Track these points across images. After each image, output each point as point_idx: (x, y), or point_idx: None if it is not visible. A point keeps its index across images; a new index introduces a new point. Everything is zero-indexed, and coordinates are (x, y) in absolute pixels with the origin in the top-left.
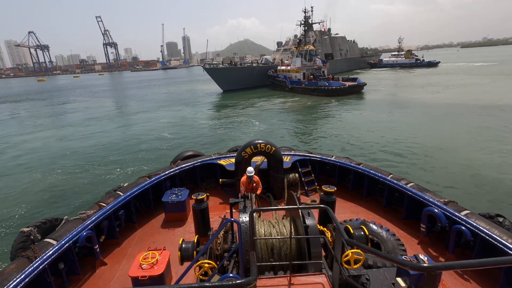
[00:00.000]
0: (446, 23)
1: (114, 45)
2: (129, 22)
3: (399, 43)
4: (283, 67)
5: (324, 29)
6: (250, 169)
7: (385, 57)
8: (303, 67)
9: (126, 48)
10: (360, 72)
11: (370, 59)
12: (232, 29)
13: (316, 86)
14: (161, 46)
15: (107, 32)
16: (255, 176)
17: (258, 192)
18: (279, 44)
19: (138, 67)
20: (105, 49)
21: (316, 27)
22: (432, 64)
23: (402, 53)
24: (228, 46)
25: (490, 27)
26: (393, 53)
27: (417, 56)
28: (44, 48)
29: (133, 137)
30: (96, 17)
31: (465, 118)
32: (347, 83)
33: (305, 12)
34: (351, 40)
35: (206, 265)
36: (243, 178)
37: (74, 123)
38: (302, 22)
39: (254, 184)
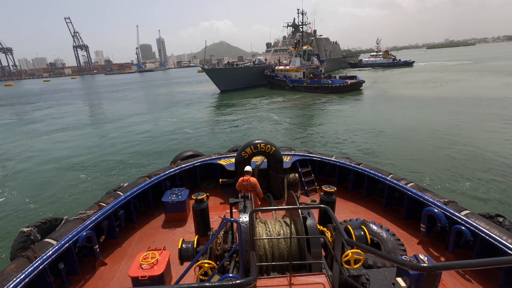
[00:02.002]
0: (411, 25)
1: (85, 47)
2: (99, 24)
3: (377, 44)
4: (281, 67)
5: (311, 30)
6: (247, 167)
7: (364, 57)
8: (302, 66)
9: (97, 50)
10: (344, 72)
11: (351, 59)
12: (206, 31)
13: (319, 84)
14: (136, 48)
15: (77, 34)
16: (251, 178)
17: (260, 195)
18: (268, 45)
19: (111, 70)
20: (75, 51)
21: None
22: (408, 64)
23: (380, 53)
24: (204, 48)
25: (451, 30)
26: (372, 53)
27: (394, 56)
28: (7, 51)
29: (133, 137)
30: (65, 18)
31: (467, 112)
32: (349, 81)
33: (302, 14)
34: (333, 42)
35: (206, 265)
36: (239, 183)
37: (72, 125)
38: (300, 24)
39: (250, 187)
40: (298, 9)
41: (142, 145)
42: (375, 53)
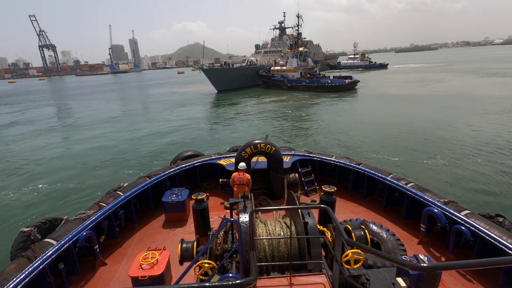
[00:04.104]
0: (379, 30)
1: (52, 47)
2: (65, 24)
3: (355, 47)
4: (278, 67)
5: (298, 32)
6: (242, 164)
7: (343, 60)
8: (299, 67)
9: (64, 50)
10: (323, 73)
11: (330, 62)
12: (179, 33)
13: (318, 83)
14: (109, 49)
15: (43, 32)
16: (246, 174)
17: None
18: (257, 46)
19: (81, 71)
20: (41, 51)
21: (289, 31)
22: (383, 66)
23: (358, 56)
24: (178, 50)
25: (415, 35)
26: (349, 56)
27: (370, 59)
28: None
29: (133, 138)
30: (29, 16)
31: (464, 109)
32: (347, 80)
33: (298, 17)
34: (316, 44)
35: (206, 265)
36: (235, 176)
37: (72, 125)
38: (295, 26)
39: (246, 181)
40: (284, 12)
41: (142, 145)
42: (352, 56)
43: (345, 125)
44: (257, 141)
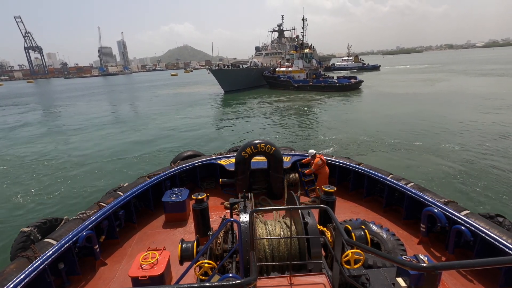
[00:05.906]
0: (365, 33)
1: (38, 49)
2: (49, 26)
3: (348, 49)
4: (283, 68)
5: (296, 35)
6: (311, 150)
7: (336, 62)
8: (305, 68)
9: (50, 53)
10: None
11: (325, 64)
12: (166, 34)
13: (326, 83)
14: (99, 51)
15: (28, 34)
16: (316, 160)
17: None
18: (257, 48)
19: (68, 73)
20: (27, 53)
21: (287, 33)
22: (376, 67)
23: (351, 58)
24: (167, 52)
25: (401, 38)
26: (343, 58)
27: (363, 60)
28: None
29: (133, 137)
30: (15, 17)
31: (467, 107)
32: (352, 80)
33: (303, 20)
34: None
35: (206, 265)
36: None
37: (75, 126)
38: (300, 29)
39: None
40: (282, 15)
41: (142, 145)
42: (346, 58)
43: (360, 122)
44: (257, 141)
